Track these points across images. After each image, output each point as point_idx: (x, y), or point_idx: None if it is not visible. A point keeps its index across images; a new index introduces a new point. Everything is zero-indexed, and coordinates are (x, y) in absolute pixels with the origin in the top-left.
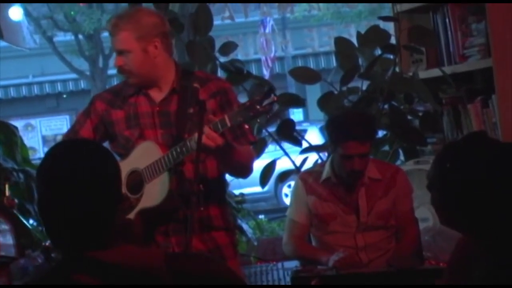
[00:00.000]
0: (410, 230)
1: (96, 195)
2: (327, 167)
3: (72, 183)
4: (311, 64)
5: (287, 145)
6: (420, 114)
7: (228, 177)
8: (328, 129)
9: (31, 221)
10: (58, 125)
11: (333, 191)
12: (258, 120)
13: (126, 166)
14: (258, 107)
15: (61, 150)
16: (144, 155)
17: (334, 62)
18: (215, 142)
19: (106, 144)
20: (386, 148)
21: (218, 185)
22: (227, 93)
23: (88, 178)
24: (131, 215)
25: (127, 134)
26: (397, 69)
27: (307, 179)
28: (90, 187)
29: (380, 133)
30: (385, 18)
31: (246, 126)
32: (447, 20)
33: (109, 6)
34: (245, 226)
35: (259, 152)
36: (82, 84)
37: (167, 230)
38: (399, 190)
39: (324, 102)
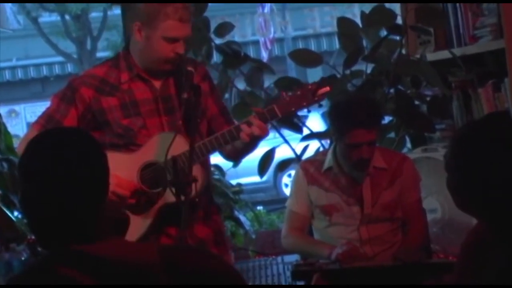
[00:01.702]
0: (417, 222)
1: (81, 186)
2: (329, 155)
3: (55, 175)
4: (312, 46)
5: (287, 132)
6: (428, 98)
7: (224, 166)
8: (331, 117)
9: (15, 213)
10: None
11: (336, 181)
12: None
13: (139, 159)
14: (311, 96)
15: (44, 140)
16: (164, 146)
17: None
18: (263, 132)
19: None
20: (392, 135)
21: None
22: (210, 77)
23: (72, 169)
24: (151, 211)
25: (126, 123)
26: (403, 51)
27: (308, 168)
28: (75, 178)
29: (386, 119)
30: None
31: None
32: None
33: None
34: (242, 218)
35: None
36: (69, 68)
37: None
38: (405, 180)
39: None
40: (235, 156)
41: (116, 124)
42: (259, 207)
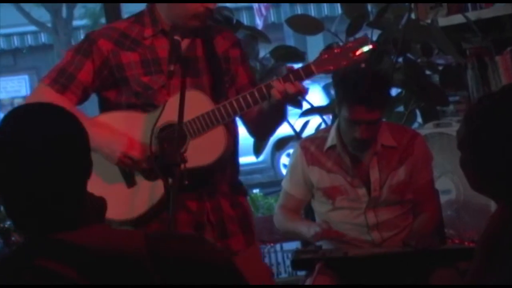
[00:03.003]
0: (429, 204)
1: (62, 167)
2: (332, 133)
3: (34, 155)
4: (312, 12)
5: None
6: (440, 68)
7: None
8: (335, 86)
9: None
10: (15, 87)
11: (339, 161)
12: None
13: (156, 119)
14: (351, 54)
15: (20, 117)
16: (186, 106)
17: (338, 9)
18: (299, 90)
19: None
20: (401, 109)
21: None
22: (241, 45)
23: (52, 149)
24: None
25: (146, 80)
26: (412, 16)
27: (308, 147)
28: (55, 159)
29: (394, 91)
30: None
31: None
32: None
33: None
34: None
35: None
36: (43, 38)
37: (201, 194)
38: (417, 159)
39: None
40: (262, 127)
41: (135, 82)
42: (255, 190)
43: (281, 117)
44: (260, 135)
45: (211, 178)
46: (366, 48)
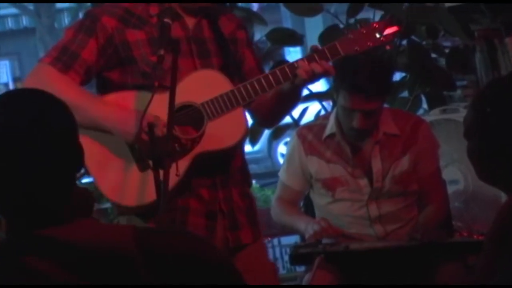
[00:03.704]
0: (436, 195)
1: (48, 158)
2: (331, 120)
3: (17, 144)
4: None
5: None
6: (447, 51)
7: None
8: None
9: None
10: None
11: (339, 151)
12: None
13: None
14: (377, 35)
15: (3, 105)
16: (202, 86)
17: None
18: (327, 70)
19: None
20: (405, 94)
21: None
22: (246, 28)
23: (38, 137)
24: (183, 162)
25: (155, 60)
26: None
27: (306, 135)
28: (41, 148)
29: (398, 76)
30: None
31: None
32: None
33: None
34: None
35: None
36: (24, 21)
37: (215, 183)
38: (421, 147)
39: (327, 39)
40: (274, 111)
41: (144, 61)
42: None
43: (297, 101)
44: (270, 120)
45: (227, 165)
46: (392, 30)
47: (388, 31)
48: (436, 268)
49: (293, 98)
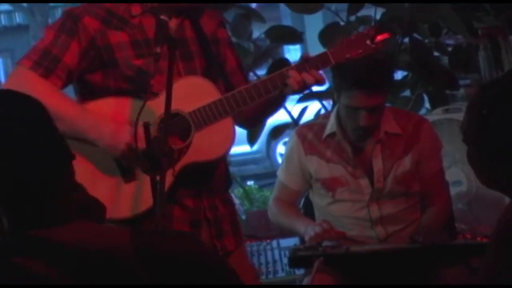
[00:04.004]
0: (438, 196)
1: (35, 156)
2: (332, 119)
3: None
4: None
5: None
6: (450, 49)
7: None
8: (332, 72)
9: None
10: None
11: (339, 150)
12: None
13: (157, 108)
14: (369, 43)
15: None
16: (189, 94)
17: None
18: (319, 80)
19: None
20: (407, 93)
21: None
22: (226, 26)
23: (20, 136)
24: (169, 172)
25: (139, 64)
26: None
27: (305, 134)
28: (24, 147)
29: (400, 74)
30: None
31: None
32: None
33: None
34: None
35: None
36: (18, 18)
37: (200, 192)
38: (424, 147)
39: (327, 36)
40: (258, 116)
41: (126, 65)
42: (250, 182)
43: (281, 106)
44: (251, 124)
45: (213, 174)
46: (383, 36)
47: (379, 38)
48: (438, 271)
49: (278, 104)
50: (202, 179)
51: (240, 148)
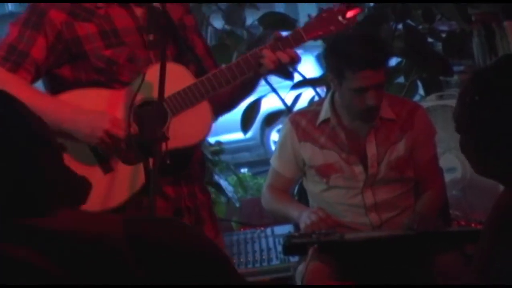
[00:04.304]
0: (433, 183)
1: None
2: (325, 105)
3: None
4: None
5: (274, 79)
6: (444, 35)
7: None
8: (330, 58)
9: None
10: None
11: (334, 136)
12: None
13: (131, 96)
14: (340, 18)
15: None
16: (164, 80)
17: None
18: (293, 58)
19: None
20: (401, 79)
21: None
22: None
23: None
24: (146, 161)
25: (109, 54)
26: None
27: (299, 121)
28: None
29: (393, 61)
30: None
31: None
32: None
33: None
34: (223, 183)
35: None
36: (10, 6)
37: (179, 179)
38: (418, 133)
39: None
40: (231, 101)
41: (96, 56)
42: (243, 170)
43: (255, 89)
44: (225, 109)
45: (190, 159)
46: (354, 12)
47: (350, 13)
48: (433, 258)
49: (253, 86)
50: (181, 165)
51: (233, 135)
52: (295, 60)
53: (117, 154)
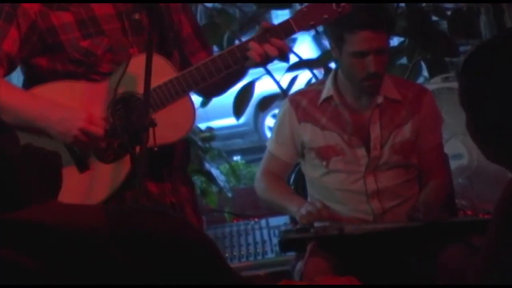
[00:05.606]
0: (438, 171)
1: None
2: (328, 83)
3: None
4: None
5: None
6: (449, 13)
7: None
8: (328, 24)
9: None
10: None
11: (336, 117)
12: None
13: (109, 89)
14: (334, 7)
15: None
16: (142, 74)
17: None
18: (283, 50)
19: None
20: (404, 60)
21: None
22: None
23: None
24: (126, 159)
25: (86, 45)
26: None
27: (299, 101)
28: None
29: (396, 41)
30: None
31: None
32: None
33: None
34: (215, 172)
35: None
36: None
37: (162, 175)
38: (425, 117)
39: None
40: (219, 88)
41: (73, 47)
42: (236, 157)
43: (244, 77)
44: (212, 95)
45: (173, 154)
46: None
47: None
48: (438, 251)
49: (239, 77)
50: (163, 162)
51: (225, 121)
52: (285, 52)
53: (94, 152)
